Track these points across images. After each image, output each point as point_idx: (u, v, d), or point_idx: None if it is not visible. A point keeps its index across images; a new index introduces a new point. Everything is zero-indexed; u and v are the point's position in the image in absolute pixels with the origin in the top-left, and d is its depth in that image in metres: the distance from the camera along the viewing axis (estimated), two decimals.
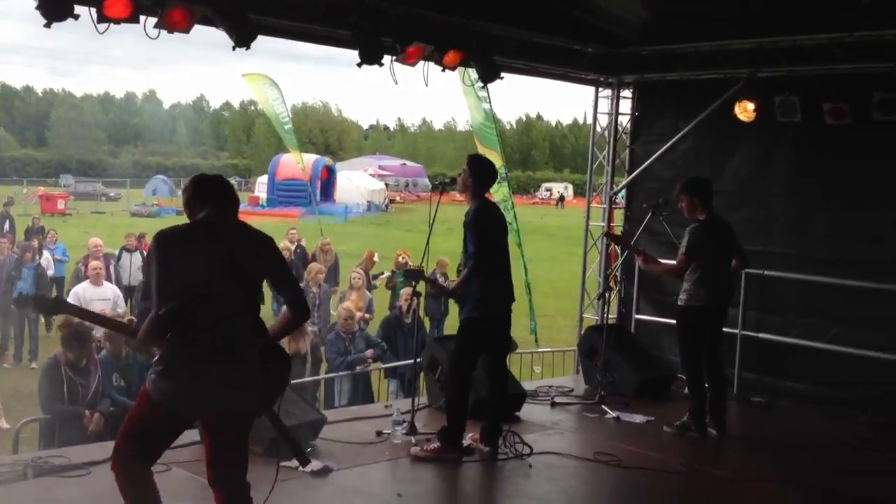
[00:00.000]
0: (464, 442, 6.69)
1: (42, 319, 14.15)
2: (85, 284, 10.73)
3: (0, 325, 13.37)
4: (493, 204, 7.19)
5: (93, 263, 11.21)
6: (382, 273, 15.10)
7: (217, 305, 3.89)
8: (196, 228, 4.04)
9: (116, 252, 15.51)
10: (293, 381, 7.59)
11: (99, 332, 7.55)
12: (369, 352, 9.41)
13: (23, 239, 19.09)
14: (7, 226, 20.70)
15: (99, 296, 10.72)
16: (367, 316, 12.38)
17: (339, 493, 5.81)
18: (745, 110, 8.78)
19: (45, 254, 15.66)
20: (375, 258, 16.07)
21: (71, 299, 10.38)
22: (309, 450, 4.10)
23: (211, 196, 4.11)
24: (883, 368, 8.17)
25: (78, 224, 35.46)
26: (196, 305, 3.84)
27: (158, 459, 4.19)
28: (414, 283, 6.98)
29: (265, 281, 4.15)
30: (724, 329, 7.86)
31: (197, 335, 3.85)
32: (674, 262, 7.77)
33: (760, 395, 8.86)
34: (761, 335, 9.05)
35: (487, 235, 6.58)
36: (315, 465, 6.15)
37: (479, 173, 6.76)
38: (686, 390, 7.99)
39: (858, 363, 8.34)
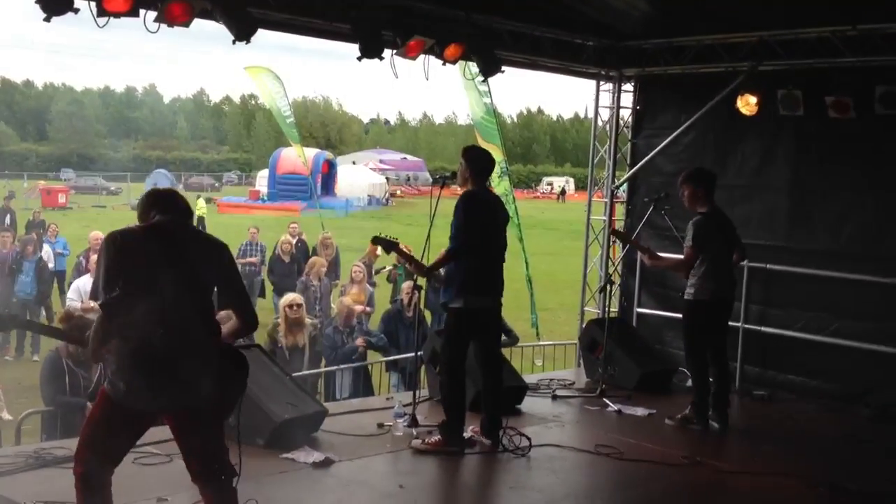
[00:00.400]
0: (465, 434, 6.70)
1: (44, 312, 14.18)
2: (86, 278, 10.73)
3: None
4: (490, 192, 7.08)
5: (94, 257, 11.19)
6: (384, 267, 15.08)
7: (167, 306, 3.90)
8: (149, 230, 4.06)
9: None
10: (294, 374, 7.62)
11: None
12: (360, 340, 9.39)
13: (23, 233, 19.11)
14: (8, 220, 20.74)
15: None
16: (368, 309, 12.37)
17: (341, 484, 5.82)
18: (747, 104, 8.77)
19: (46, 247, 15.67)
20: (378, 251, 16.04)
21: (72, 293, 10.41)
22: (235, 463, 4.18)
23: (165, 205, 4.14)
24: (885, 362, 8.17)
25: (79, 218, 35.46)
26: (145, 304, 3.86)
27: (120, 463, 4.18)
28: (385, 252, 6.95)
29: (216, 285, 4.17)
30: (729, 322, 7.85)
31: (147, 335, 3.87)
32: (679, 256, 7.76)
33: (762, 389, 8.87)
34: (763, 329, 9.06)
35: (473, 219, 6.50)
36: (317, 456, 6.17)
37: (476, 164, 6.73)
38: (688, 383, 8.01)
39: (860, 357, 8.35)
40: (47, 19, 6.09)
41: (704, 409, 7.47)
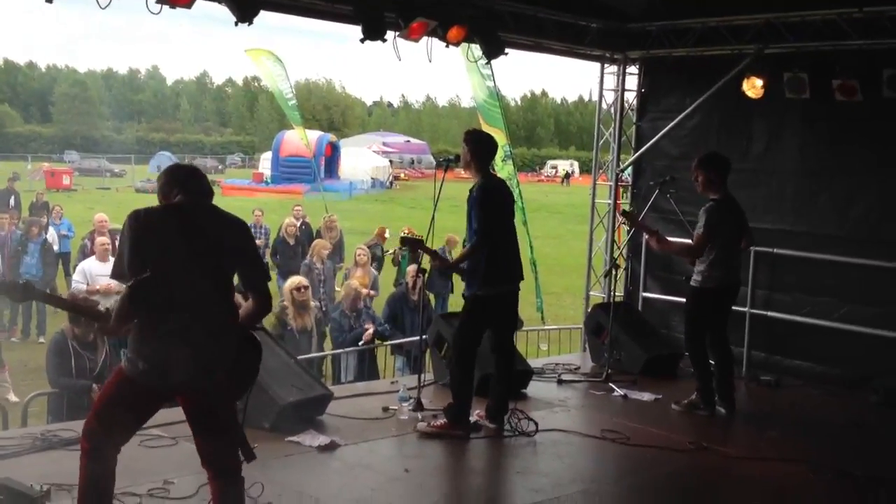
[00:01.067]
0: (471, 418, 6.70)
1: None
2: (91, 260, 10.70)
3: (7, 300, 13.38)
4: (499, 180, 7.08)
5: (100, 239, 11.16)
6: (390, 250, 15.08)
7: (188, 285, 3.90)
8: (171, 210, 4.05)
9: (122, 227, 15.51)
10: (300, 357, 7.62)
11: (106, 304, 7.54)
12: (369, 329, 9.38)
13: (27, 215, 19.11)
14: (12, 201, 20.70)
15: (105, 271, 10.66)
16: (372, 293, 12.38)
17: (346, 468, 5.83)
18: (753, 87, 8.72)
19: (51, 229, 15.67)
20: (387, 234, 16.02)
21: (77, 275, 10.39)
22: (254, 446, 4.17)
23: (188, 184, 4.11)
24: (892, 347, 8.15)
25: (83, 200, 35.48)
26: (167, 284, 3.85)
27: (127, 441, 4.19)
28: (411, 251, 6.93)
29: (236, 265, 4.15)
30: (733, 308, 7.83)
31: (168, 314, 3.87)
32: (686, 240, 7.72)
33: (769, 374, 8.85)
34: (770, 313, 9.04)
35: (492, 211, 6.50)
36: (322, 440, 6.18)
37: (478, 148, 6.69)
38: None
39: (867, 342, 8.33)
40: (49, 0, 6.07)
41: (710, 394, 7.46)
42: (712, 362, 7.60)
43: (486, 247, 6.46)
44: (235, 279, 4.23)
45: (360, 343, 9.34)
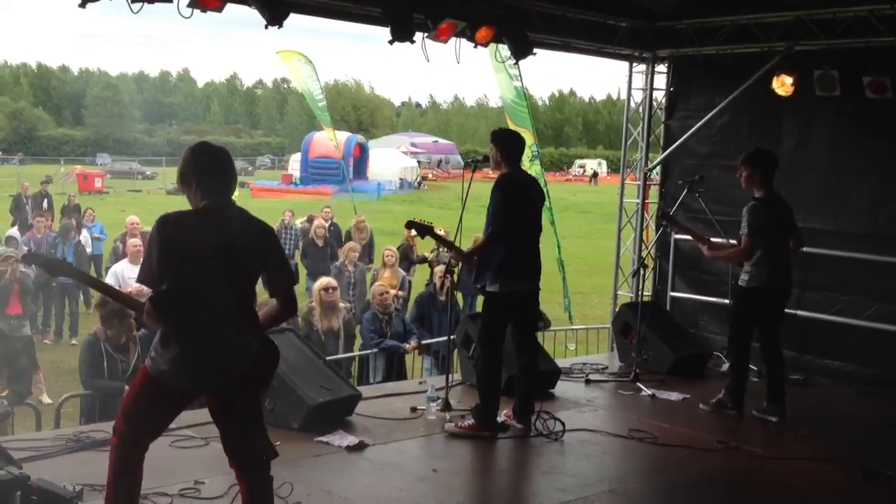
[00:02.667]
0: (499, 418, 6.70)
1: (82, 296, 14.36)
2: (124, 263, 10.82)
3: (41, 302, 13.56)
4: (527, 175, 6.97)
5: (132, 241, 11.29)
6: (424, 257, 15.03)
7: (213, 292, 3.95)
8: (199, 216, 4.07)
9: (151, 228, 15.66)
10: (329, 358, 7.66)
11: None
12: (410, 345, 9.37)
13: (60, 217, 19.34)
14: (45, 204, 20.97)
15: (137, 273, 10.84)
16: (401, 293, 12.42)
17: (375, 467, 5.86)
18: (783, 84, 8.66)
19: (84, 232, 15.86)
20: (414, 234, 15.99)
21: (110, 278, 10.51)
22: (277, 444, 4.23)
23: (214, 187, 4.09)
24: None
25: (115, 202, 35.82)
26: (192, 290, 3.92)
27: (156, 439, 4.25)
28: (420, 238, 6.90)
29: (262, 270, 4.19)
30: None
31: (191, 319, 3.93)
32: (731, 241, 7.59)
33: (798, 373, 8.77)
34: (800, 312, 8.95)
35: (509, 204, 6.45)
36: (351, 440, 6.21)
37: (506, 146, 6.66)
38: (723, 368, 7.94)
39: None
40: (82, 5, 6.15)
41: (740, 394, 7.39)
42: (753, 367, 7.50)
43: (499, 239, 6.43)
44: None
45: (401, 351, 9.31)
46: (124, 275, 10.13)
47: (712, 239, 7.93)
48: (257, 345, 4.13)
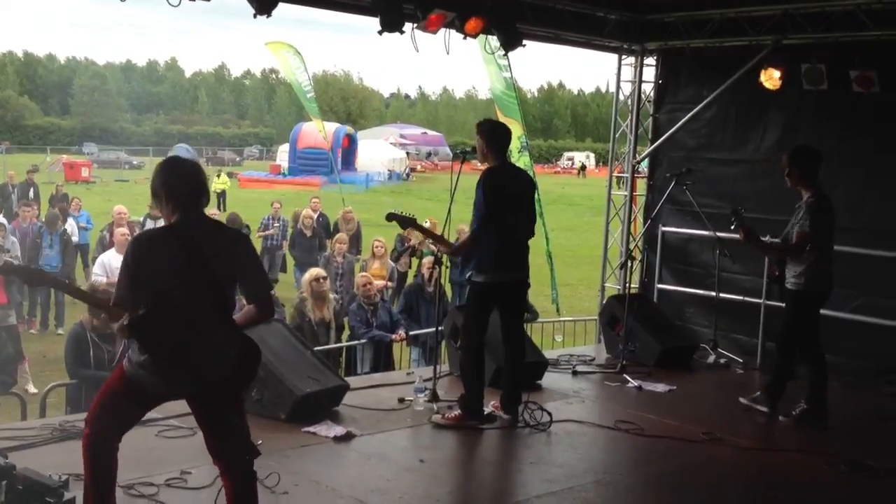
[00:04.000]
0: (486, 410, 6.72)
1: None
2: (111, 252, 10.77)
3: (27, 292, 13.51)
4: (514, 167, 6.96)
5: (119, 230, 11.25)
6: (411, 241, 15.01)
7: (190, 306, 3.98)
8: (172, 233, 4.09)
9: (141, 220, 15.61)
10: (317, 348, 7.67)
11: None
12: (399, 336, 9.39)
13: (47, 206, 19.25)
14: (31, 193, 20.86)
15: None
16: (389, 284, 12.42)
17: (362, 458, 5.87)
18: (770, 78, 8.68)
19: (71, 221, 15.79)
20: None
21: (97, 267, 10.46)
22: (259, 443, 4.22)
23: (186, 202, 4.10)
24: None
25: (101, 192, 35.70)
26: (168, 307, 3.93)
27: (128, 431, 4.26)
28: (403, 229, 6.90)
29: (236, 277, 4.19)
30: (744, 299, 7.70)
31: (168, 334, 3.95)
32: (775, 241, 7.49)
33: None
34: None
35: (494, 196, 6.43)
36: (338, 430, 6.22)
37: (491, 136, 6.65)
38: (709, 360, 7.92)
39: (883, 333, 8.30)
40: None
41: (778, 394, 7.25)
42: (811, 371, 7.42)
43: (485, 233, 6.43)
44: None
45: (388, 341, 9.33)
46: (111, 265, 10.08)
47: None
48: (234, 351, 4.13)
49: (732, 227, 7.29)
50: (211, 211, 6.53)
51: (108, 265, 10.13)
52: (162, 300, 3.93)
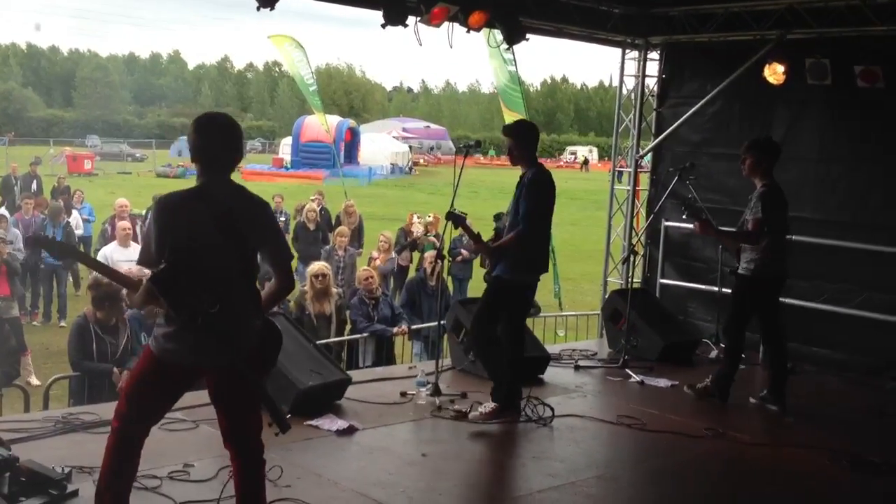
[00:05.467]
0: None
1: (70, 278, 14.32)
2: (113, 245, 10.79)
3: (29, 284, 13.52)
4: (547, 171, 6.87)
5: (121, 224, 11.25)
6: (414, 233, 15.01)
7: (215, 269, 3.94)
8: (195, 194, 4.04)
9: (143, 212, 15.61)
10: (319, 342, 7.67)
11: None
12: (400, 330, 9.40)
13: (49, 199, 19.26)
14: (34, 185, 20.87)
15: (127, 256, 10.78)
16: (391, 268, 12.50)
17: (365, 451, 5.87)
18: (774, 73, 8.67)
19: (74, 213, 15.79)
20: (414, 219, 15.96)
21: (99, 260, 10.46)
22: (289, 415, 4.14)
23: (214, 164, 4.08)
24: None
25: (104, 184, 35.67)
26: (194, 269, 3.89)
27: (157, 422, 4.25)
28: (455, 228, 6.86)
29: (259, 245, 4.16)
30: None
31: (194, 298, 3.89)
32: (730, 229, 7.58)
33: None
34: (788, 300, 8.98)
35: (544, 201, 6.54)
36: (341, 424, 6.22)
37: (520, 136, 6.65)
38: (712, 355, 7.95)
39: (886, 329, 8.30)
40: None
41: (727, 383, 7.39)
42: (743, 355, 7.49)
43: (529, 236, 6.46)
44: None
45: (390, 335, 9.34)
46: (113, 257, 10.10)
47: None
48: (260, 324, 4.12)
49: (684, 217, 7.42)
50: None
51: (109, 258, 10.14)
52: (186, 258, 3.87)
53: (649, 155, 10.52)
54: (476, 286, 14.35)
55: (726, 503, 5.53)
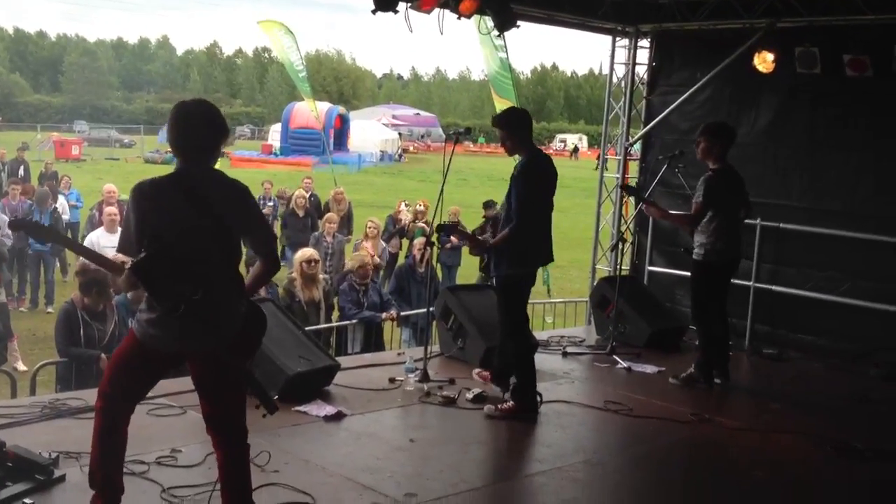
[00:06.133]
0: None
1: (58, 264, 14.28)
2: (100, 231, 10.75)
3: (16, 270, 13.48)
4: (544, 155, 6.74)
5: (108, 209, 11.20)
6: (402, 221, 14.99)
7: (196, 255, 3.93)
8: (174, 181, 4.03)
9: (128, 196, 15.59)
10: (308, 328, 7.67)
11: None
12: (389, 315, 9.40)
13: (37, 184, 19.17)
14: (21, 171, 20.78)
15: (113, 242, 10.70)
16: (379, 261, 12.45)
17: (353, 437, 5.88)
18: (763, 61, 8.68)
19: (61, 199, 15.73)
20: (402, 206, 15.95)
21: (84, 245, 10.41)
22: (276, 397, 4.13)
23: (193, 151, 4.06)
24: (892, 321, 8.18)
25: (92, 170, 35.50)
26: (174, 255, 3.88)
27: (140, 401, 4.28)
28: (449, 236, 6.80)
29: (242, 230, 4.15)
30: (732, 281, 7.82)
31: (176, 284, 3.88)
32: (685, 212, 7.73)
33: (772, 347, 8.88)
34: (774, 287, 9.05)
35: (533, 190, 6.34)
36: (329, 410, 6.23)
37: (511, 125, 6.52)
38: (698, 342, 7.99)
39: (871, 316, 8.35)
40: None
41: (709, 368, 7.47)
42: (731, 342, 7.59)
43: (524, 229, 6.33)
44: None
45: (379, 321, 9.35)
46: (100, 243, 10.07)
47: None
48: (245, 309, 4.12)
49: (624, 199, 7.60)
50: None
51: (96, 244, 10.10)
52: (166, 245, 3.86)
53: (639, 143, 10.53)
54: (465, 273, 14.40)
55: (711, 488, 5.56)
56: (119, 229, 11.00)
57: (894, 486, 5.71)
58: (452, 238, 12.26)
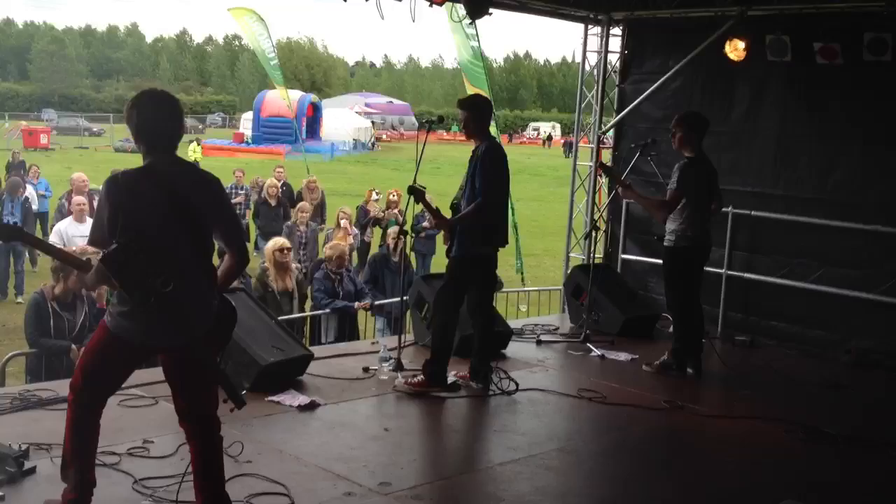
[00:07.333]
0: (449, 378, 6.75)
1: (27, 255, 14.11)
2: (68, 221, 10.61)
3: None
4: (500, 144, 7.07)
5: (76, 199, 11.05)
6: (374, 211, 14.94)
7: (168, 248, 3.90)
8: (144, 173, 4.00)
9: (101, 188, 15.43)
10: (281, 318, 7.63)
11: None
12: (361, 305, 9.36)
13: (4, 174, 18.93)
14: None
15: (82, 232, 10.59)
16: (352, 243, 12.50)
17: (327, 427, 5.86)
18: (735, 49, 8.70)
19: (29, 188, 15.54)
20: (374, 196, 15.90)
21: (54, 236, 10.29)
22: (244, 392, 4.12)
23: (158, 142, 4.02)
24: (866, 309, 8.26)
25: (61, 159, 35.10)
26: (146, 248, 3.85)
27: (113, 393, 4.26)
28: (416, 201, 6.86)
29: (212, 222, 4.12)
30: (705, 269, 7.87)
31: (148, 277, 3.85)
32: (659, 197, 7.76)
33: (744, 334, 8.94)
34: (746, 275, 9.10)
35: (496, 173, 6.59)
36: (302, 399, 6.20)
37: (476, 110, 6.74)
38: (671, 329, 8.05)
39: (843, 303, 8.43)
40: None
41: (684, 355, 7.53)
42: (708, 331, 7.65)
43: (491, 207, 6.53)
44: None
45: (352, 311, 9.31)
46: (68, 233, 9.95)
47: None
48: (217, 302, 4.09)
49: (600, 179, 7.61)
50: None
51: (64, 233, 9.99)
52: (137, 238, 3.83)
53: (612, 131, 10.54)
54: (439, 262, 14.37)
55: (684, 474, 5.59)
56: (88, 219, 10.91)
57: (865, 472, 5.76)
58: (425, 224, 12.29)
